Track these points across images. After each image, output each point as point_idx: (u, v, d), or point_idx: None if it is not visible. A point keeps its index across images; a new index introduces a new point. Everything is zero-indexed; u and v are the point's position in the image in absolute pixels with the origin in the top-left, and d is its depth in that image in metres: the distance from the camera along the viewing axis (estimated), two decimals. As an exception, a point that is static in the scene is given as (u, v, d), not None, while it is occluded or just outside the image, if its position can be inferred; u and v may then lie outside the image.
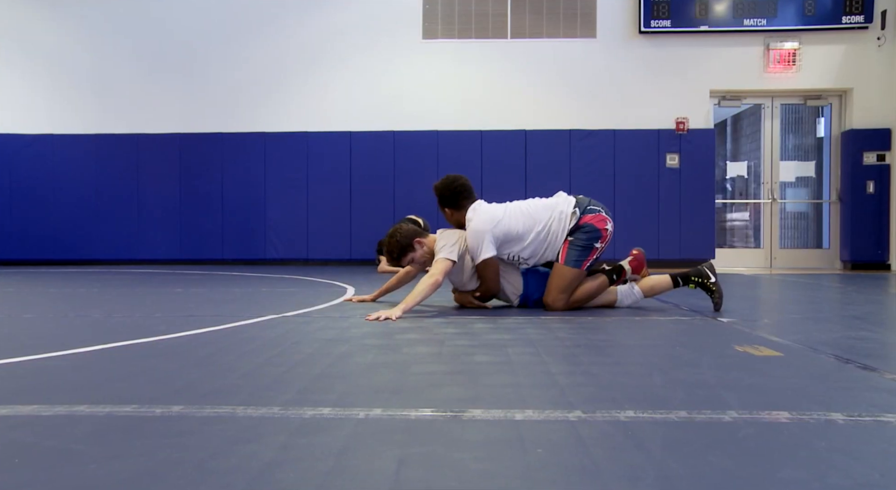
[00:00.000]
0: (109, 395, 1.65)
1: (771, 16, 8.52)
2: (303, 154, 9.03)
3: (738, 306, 3.86)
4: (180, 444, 1.26)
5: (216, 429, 1.36)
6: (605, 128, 8.88)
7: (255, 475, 1.10)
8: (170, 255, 9.10)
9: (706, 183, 8.83)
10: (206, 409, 1.51)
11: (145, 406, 1.53)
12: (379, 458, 1.18)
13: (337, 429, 1.37)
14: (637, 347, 2.41)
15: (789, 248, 9.16)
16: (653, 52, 8.92)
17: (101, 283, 5.69)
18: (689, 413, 1.46)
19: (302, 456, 1.19)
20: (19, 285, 5.53)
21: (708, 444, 1.25)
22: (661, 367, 2.03)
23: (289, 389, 1.73)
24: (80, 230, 9.14)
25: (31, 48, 9.29)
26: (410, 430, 1.36)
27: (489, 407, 1.53)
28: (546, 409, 1.51)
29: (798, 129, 9.50)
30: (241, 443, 1.26)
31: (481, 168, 8.90)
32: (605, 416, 1.45)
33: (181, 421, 1.42)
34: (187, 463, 1.15)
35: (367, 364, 2.08)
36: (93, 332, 2.75)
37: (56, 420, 1.43)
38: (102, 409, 1.50)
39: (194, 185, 9.12)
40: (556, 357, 2.19)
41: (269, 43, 9.16)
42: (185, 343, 2.46)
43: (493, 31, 9.02)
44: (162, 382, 1.81)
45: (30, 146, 9.14)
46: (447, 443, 1.27)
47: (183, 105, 9.19)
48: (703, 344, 2.50)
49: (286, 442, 1.27)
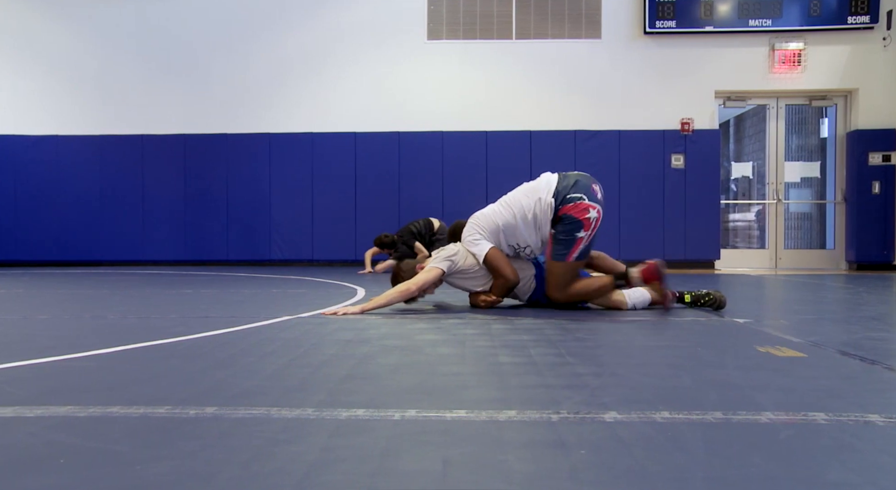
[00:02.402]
0: (140, 396, 1.65)
1: (776, 16, 8.52)
2: (308, 155, 9.03)
3: (751, 307, 3.86)
4: (222, 446, 1.25)
5: (254, 430, 1.36)
6: (610, 128, 8.88)
7: (301, 477, 1.10)
8: (174, 257, 9.09)
9: (711, 183, 8.84)
10: (240, 410, 1.51)
11: (179, 407, 1.53)
12: (423, 460, 1.18)
13: (374, 430, 1.36)
14: (659, 348, 2.40)
15: (794, 249, 9.17)
16: (658, 52, 8.92)
17: (109, 285, 5.69)
18: (724, 414, 1.46)
19: (345, 457, 1.19)
20: (28, 286, 5.52)
21: (749, 445, 1.25)
22: (687, 367, 2.03)
23: (318, 391, 1.72)
24: (85, 231, 9.13)
25: (37, 50, 9.28)
26: (448, 432, 1.36)
27: (523, 408, 1.53)
28: (581, 410, 1.51)
29: (801, 130, 9.51)
30: (281, 444, 1.26)
31: (486, 169, 8.90)
32: (641, 417, 1.45)
33: (217, 422, 1.42)
34: (233, 464, 1.15)
35: (391, 365, 2.07)
36: (111, 334, 2.74)
37: (91, 421, 1.42)
38: (136, 411, 1.50)
39: (199, 185, 9.12)
40: (581, 358, 2.19)
41: (273, 44, 9.16)
42: (205, 344, 2.46)
43: (498, 32, 9.02)
44: (189, 383, 1.81)
45: (35, 147, 9.14)
46: (488, 444, 1.27)
47: (187, 106, 9.19)
48: (724, 344, 2.50)
49: (327, 443, 1.27)
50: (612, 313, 3.44)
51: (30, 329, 2.90)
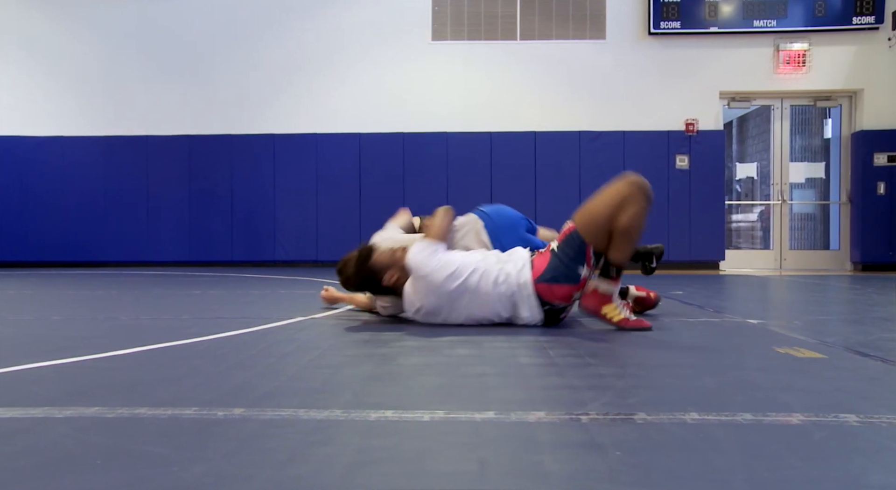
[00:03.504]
0: (165, 397, 1.65)
1: (781, 17, 8.53)
2: (312, 156, 9.03)
3: (763, 308, 3.86)
4: (255, 447, 1.25)
5: (285, 432, 1.35)
6: (615, 129, 8.88)
7: (338, 478, 1.09)
8: (179, 257, 9.09)
9: (716, 184, 8.84)
10: (268, 411, 1.50)
11: (206, 408, 1.53)
12: (459, 461, 1.18)
13: (405, 431, 1.36)
14: (676, 349, 2.40)
15: (799, 250, 9.17)
16: (662, 53, 8.92)
17: (116, 286, 5.68)
18: (754, 415, 1.45)
19: (381, 458, 1.19)
20: (36, 287, 5.52)
21: (784, 447, 1.25)
22: (707, 368, 2.03)
23: (343, 392, 1.72)
24: (89, 232, 9.13)
25: (41, 51, 9.28)
26: (479, 433, 1.35)
27: (552, 409, 1.53)
28: (609, 411, 1.51)
29: (805, 131, 9.51)
30: (315, 446, 1.26)
31: (490, 170, 8.90)
32: (671, 418, 1.45)
33: (246, 423, 1.42)
34: (269, 466, 1.15)
35: (412, 366, 2.07)
36: (127, 335, 2.74)
37: (121, 422, 1.42)
38: (165, 412, 1.49)
39: (203, 186, 9.12)
40: (600, 359, 2.19)
41: (277, 44, 9.16)
42: (222, 345, 2.46)
43: (503, 33, 9.02)
44: (212, 385, 1.80)
45: (39, 148, 9.13)
46: (522, 445, 1.27)
47: (191, 107, 9.19)
48: (741, 345, 2.49)
49: (360, 445, 1.27)
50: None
51: (45, 330, 2.90)
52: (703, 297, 4.44)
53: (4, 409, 1.50)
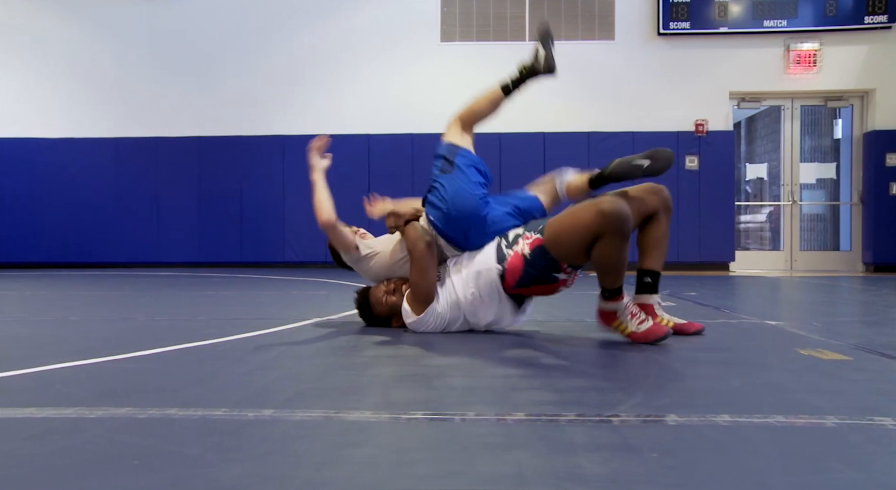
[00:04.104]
0: (194, 398, 1.65)
1: (791, 16, 8.49)
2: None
3: (779, 309, 3.85)
4: (289, 449, 1.25)
5: (318, 433, 1.35)
6: (624, 130, 8.86)
7: (375, 480, 1.09)
8: (188, 258, 9.11)
9: (726, 185, 8.81)
10: (298, 413, 1.50)
11: (236, 409, 1.53)
12: (497, 463, 1.17)
13: (438, 433, 1.36)
14: (697, 350, 2.39)
15: (809, 251, 9.12)
16: (672, 53, 8.90)
17: (129, 287, 5.70)
18: (786, 418, 1.45)
19: (417, 460, 1.19)
20: (51, 288, 5.54)
21: (823, 450, 1.24)
22: (732, 370, 2.02)
23: (371, 393, 1.72)
24: (100, 233, 9.16)
25: (53, 54, 9.32)
26: (512, 435, 1.35)
27: (582, 411, 1.52)
28: (640, 413, 1.50)
29: (814, 131, 9.47)
30: (349, 447, 1.26)
31: (500, 171, 8.88)
32: (703, 420, 1.44)
33: (277, 424, 1.42)
34: (305, 467, 1.15)
35: (436, 367, 2.07)
36: (147, 336, 2.75)
37: (152, 422, 1.42)
38: (195, 412, 1.49)
39: (212, 187, 9.14)
40: (622, 359, 2.18)
41: (286, 46, 9.17)
42: (242, 346, 2.46)
43: (511, 34, 9.01)
44: (239, 386, 1.81)
45: (51, 149, 9.17)
46: (556, 447, 1.26)
47: (201, 108, 9.21)
48: (764, 347, 2.48)
49: (396, 446, 1.27)
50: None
51: (66, 331, 2.91)
52: (717, 299, 4.43)
53: (37, 409, 1.51)
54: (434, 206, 2.74)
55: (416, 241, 2.68)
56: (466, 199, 2.68)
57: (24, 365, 2.05)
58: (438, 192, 2.74)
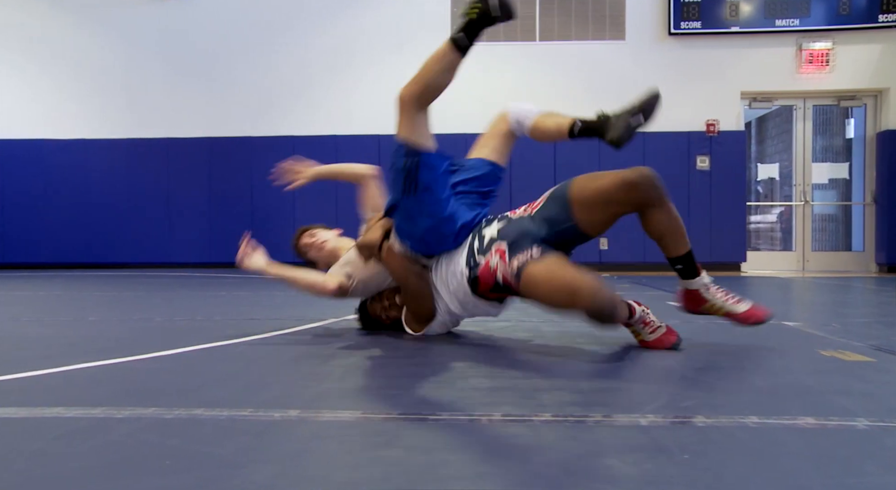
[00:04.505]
0: (218, 398, 1.65)
1: (804, 16, 8.44)
2: (331, 157, 8.98)
3: (795, 310, 3.82)
4: (321, 449, 1.25)
5: (348, 433, 1.35)
6: (635, 130, 8.82)
7: (412, 480, 1.09)
8: (198, 258, 9.14)
9: (737, 185, 8.77)
10: (324, 413, 1.50)
11: (261, 410, 1.53)
12: (531, 463, 1.17)
13: (467, 433, 1.36)
14: (718, 352, 2.37)
15: (821, 251, 9.07)
16: (683, 53, 8.87)
17: (142, 287, 5.73)
18: (816, 420, 1.43)
19: (449, 461, 1.18)
20: (65, 289, 5.57)
21: (857, 453, 1.23)
22: (755, 371, 2.00)
23: (396, 394, 1.72)
24: (111, 234, 9.20)
25: (65, 56, 9.38)
26: (540, 436, 1.35)
27: (608, 412, 1.51)
28: (667, 414, 1.49)
29: (825, 131, 9.41)
30: (381, 447, 1.26)
31: (510, 171, 8.82)
32: (731, 421, 1.43)
33: (304, 425, 1.42)
34: (337, 468, 1.15)
35: (458, 368, 2.06)
36: (165, 336, 2.75)
37: (180, 422, 1.43)
38: (221, 413, 1.50)
39: (223, 188, 9.17)
40: (640, 360, 2.17)
41: (296, 47, 9.19)
42: (263, 347, 2.47)
43: (522, 34, 9.01)
44: (262, 386, 1.81)
45: (64, 150, 9.23)
46: (586, 447, 1.26)
47: (211, 109, 9.25)
48: (784, 348, 2.46)
49: (426, 447, 1.26)
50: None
51: (85, 331, 2.92)
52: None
53: (64, 408, 1.51)
54: (404, 232, 2.54)
55: (404, 277, 2.54)
56: (437, 218, 2.45)
57: (46, 365, 2.06)
58: (406, 216, 2.49)
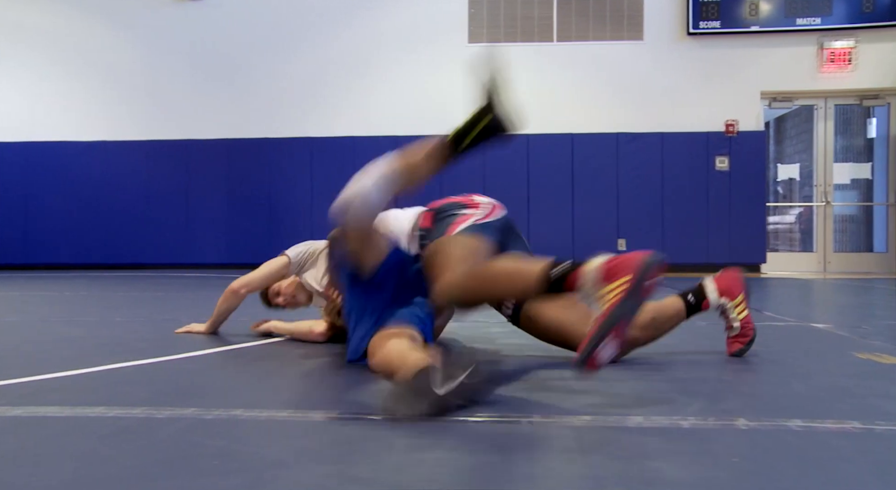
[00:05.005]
0: (254, 398, 1.66)
1: (825, 14, 8.35)
2: (349, 159, 9.05)
3: (821, 312, 3.78)
4: (364, 451, 1.25)
5: (391, 435, 1.35)
6: (653, 131, 8.78)
7: (453, 481, 1.09)
8: (217, 260, 9.19)
9: (757, 186, 8.69)
10: (364, 415, 1.50)
11: (300, 411, 1.53)
12: (572, 465, 1.16)
13: (507, 436, 1.35)
14: (751, 353, 2.35)
15: (842, 252, 8.96)
16: (701, 53, 8.80)
17: (165, 288, 5.77)
18: (863, 424, 1.41)
19: (491, 462, 1.18)
20: (90, 289, 5.63)
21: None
22: (792, 374, 1.98)
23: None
24: (131, 234, 9.29)
25: (85, 58, 9.48)
26: (581, 438, 1.34)
27: (648, 414, 1.50)
28: (708, 417, 1.48)
29: (846, 131, 9.30)
30: (424, 449, 1.25)
31: (528, 172, 8.86)
32: (775, 425, 1.41)
33: (344, 427, 1.42)
34: (383, 469, 1.15)
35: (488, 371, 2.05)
36: (194, 336, 2.77)
37: (221, 423, 1.43)
38: (260, 414, 1.50)
39: (242, 189, 9.22)
40: (675, 362, 2.15)
41: (314, 49, 9.23)
42: (294, 348, 2.47)
43: (539, 35, 8.98)
44: (296, 387, 1.81)
45: (85, 152, 9.33)
46: (632, 450, 1.25)
47: (231, 111, 9.30)
48: (818, 351, 2.44)
49: (468, 449, 1.26)
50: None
51: (114, 331, 2.94)
52: (756, 301, 4.34)
53: (105, 408, 1.53)
54: None
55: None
56: None
57: (82, 365, 2.08)
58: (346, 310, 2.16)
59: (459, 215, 2.06)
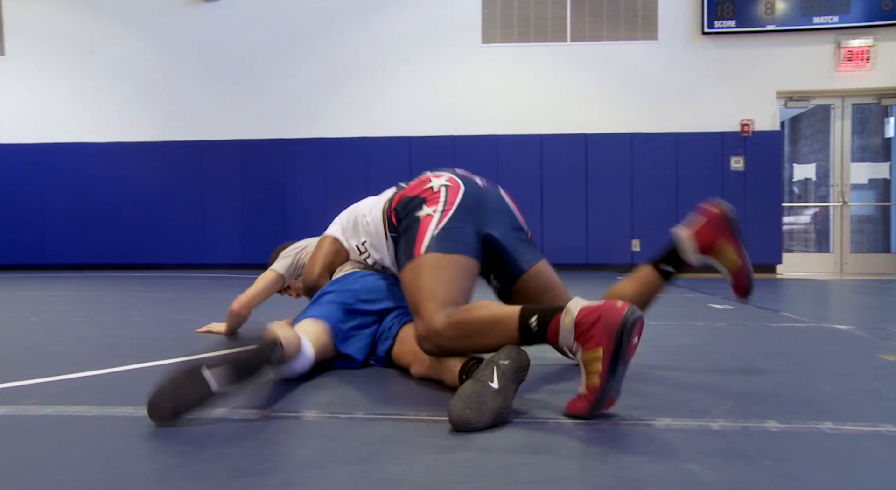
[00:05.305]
0: (281, 400, 1.66)
1: (843, 12, 8.27)
2: (362, 159, 9.09)
3: (843, 313, 3.74)
4: (394, 452, 1.25)
5: (419, 435, 1.35)
6: (667, 131, 8.74)
7: (491, 481, 1.08)
8: (232, 260, 9.24)
9: (772, 186, 8.62)
10: (391, 415, 1.50)
11: (327, 412, 1.54)
12: (609, 466, 1.15)
13: (543, 437, 1.35)
14: (774, 355, 2.33)
15: (860, 253, 8.87)
16: (716, 53, 8.75)
17: (180, 288, 5.81)
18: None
19: (529, 463, 1.17)
20: (107, 289, 5.67)
21: (945, 459, 1.19)
22: (818, 376, 1.96)
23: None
24: (146, 235, 9.35)
25: (100, 60, 9.56)
26: (610, 440, 1.33)
27: (676, 416, 1.49)
28: (738, 418, 1.47)
29: (864, 130, 9.21)
30: (454, 450, 1.25)
31: (541, 173, 8.84)
32: (806, 427, 1.40)
33: (374, 427, 1.42)
34: (415, 469, 1.14)
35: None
36: (214, 336, 2.79)
37: (251, 423, 1.44)
38: (288, 414, 1.50)
39: (255, 189, 9.27)
40: (698, 363, 2.14)
41: (328, 50, 9.26)
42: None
43: (553, 35, 8.96)
44: (321, 388, 1.81)
45: (101, 153, 9.41)
46: (663, 452, 1.24)
47: (245, 112, 9.35)
48: (843, 352, 2.41)
49: (504, 449, 1.26)
50: (695, 315, 3.35)
51: (133, 331, 2.96)
52: (774, 301, 4.32)
53: (133, 408, 1.53)
54: None
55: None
56: None
57: (106, 364, 2.10)
58: None
59: (422, 218, 1.87)
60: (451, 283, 1.74)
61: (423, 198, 1.93)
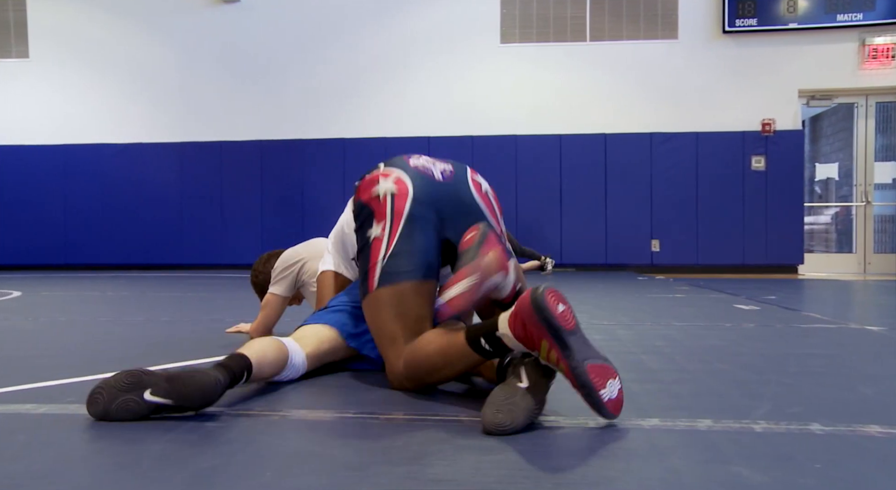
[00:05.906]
0: (315, 399, 1.67)
1: (868, 9, 8.17)
2: (381, 159, 9.04)
3: (871, 314, 3.68)
4: (440, 452, 1.25)
5: (463, 436, 1.35)
6: (687, 131, 8.68)
7: (532, 482, 1.08)
8: (251, 260, 9.23)
9: (794, 185, 8.54)
10: (429, 418, 1.50)
11: (366, 412, 1.54)
12: (655, 468, 1.14)
13: (581, 439, 1.34)
14: (807, 357, 2.30)
15: (884, 253, 8.75)
16: (737, 52, 8.67)
17: (202, 288, 5.85)
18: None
19: (571, 465, 1.17)
20: (131, 290, 5.73)
21: None
22: (856, 377, 1.93)
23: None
24: (166, 235, 9.45)
25: (121, 62, 9.67)
26: (652, 441, 1.32)
27: (716, 417, 1.48)
28: (779, 421, 1.45)
29: (888, 129, 9.09)
30: (494, 452, 1.25)
31: (560, 173, 8.81)
32: (852, 430, 1.38)
33: (414, 428, 1.42)
34: (464, 469, 1.14)
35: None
36: (244, 337, 2.80)
37: (290, 424, 1.44)
38: (325, 415, 1.51)
39: (275, 190, 9.33)
40: (731, 364, 2.12)
41: (346, 50, 9.30)
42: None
43: (572, 35, 8.93)
44: (355, 388, 1.82)
45: (121, 154, 9.52)
46: (708, 453, 1.22)
47: (263, 113, 9.42)
48: (876, 353, 2.38)
49: (544, 451, 1.25)
50: (722, 316, 3.32)
51: (162, 331, 2.99)
52: (799, 302, 4.28)
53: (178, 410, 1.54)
54: None
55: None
56: None
57: (140, 363, 2.11)
58: None
59: (371, 242, 1.77)
60: (406, 316, 1.70)
61: (370, 209, 1.79)
